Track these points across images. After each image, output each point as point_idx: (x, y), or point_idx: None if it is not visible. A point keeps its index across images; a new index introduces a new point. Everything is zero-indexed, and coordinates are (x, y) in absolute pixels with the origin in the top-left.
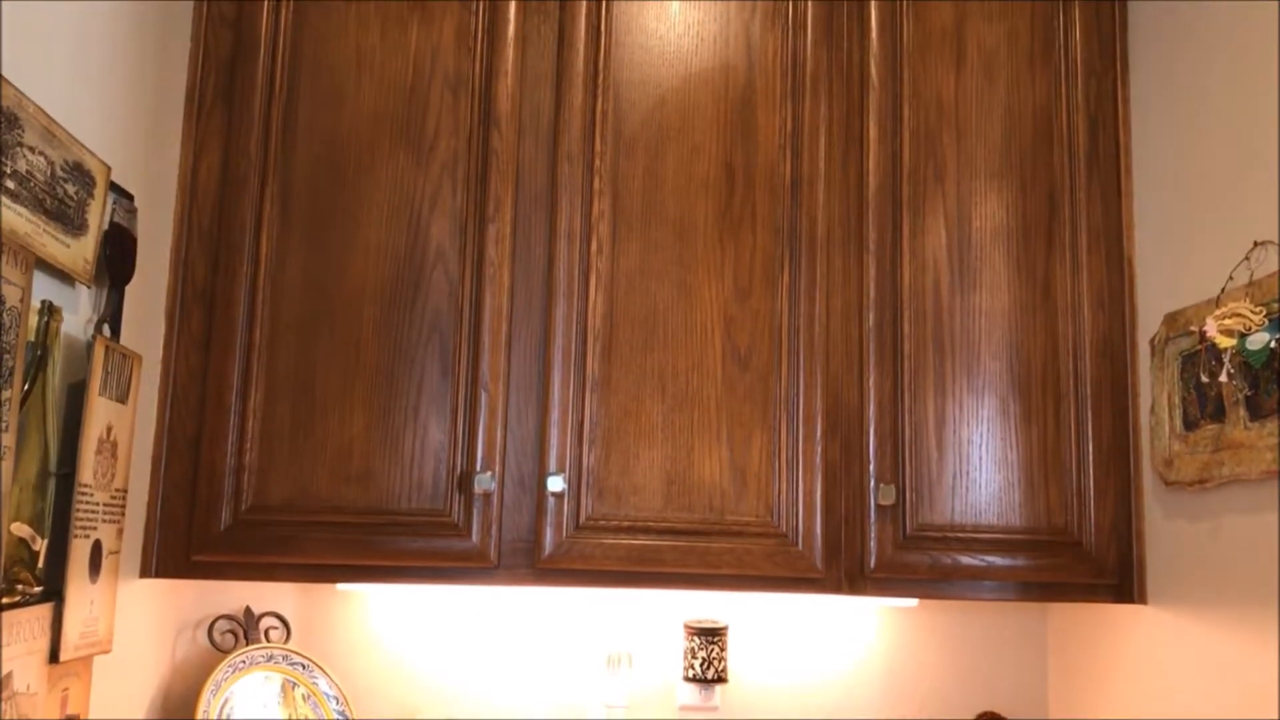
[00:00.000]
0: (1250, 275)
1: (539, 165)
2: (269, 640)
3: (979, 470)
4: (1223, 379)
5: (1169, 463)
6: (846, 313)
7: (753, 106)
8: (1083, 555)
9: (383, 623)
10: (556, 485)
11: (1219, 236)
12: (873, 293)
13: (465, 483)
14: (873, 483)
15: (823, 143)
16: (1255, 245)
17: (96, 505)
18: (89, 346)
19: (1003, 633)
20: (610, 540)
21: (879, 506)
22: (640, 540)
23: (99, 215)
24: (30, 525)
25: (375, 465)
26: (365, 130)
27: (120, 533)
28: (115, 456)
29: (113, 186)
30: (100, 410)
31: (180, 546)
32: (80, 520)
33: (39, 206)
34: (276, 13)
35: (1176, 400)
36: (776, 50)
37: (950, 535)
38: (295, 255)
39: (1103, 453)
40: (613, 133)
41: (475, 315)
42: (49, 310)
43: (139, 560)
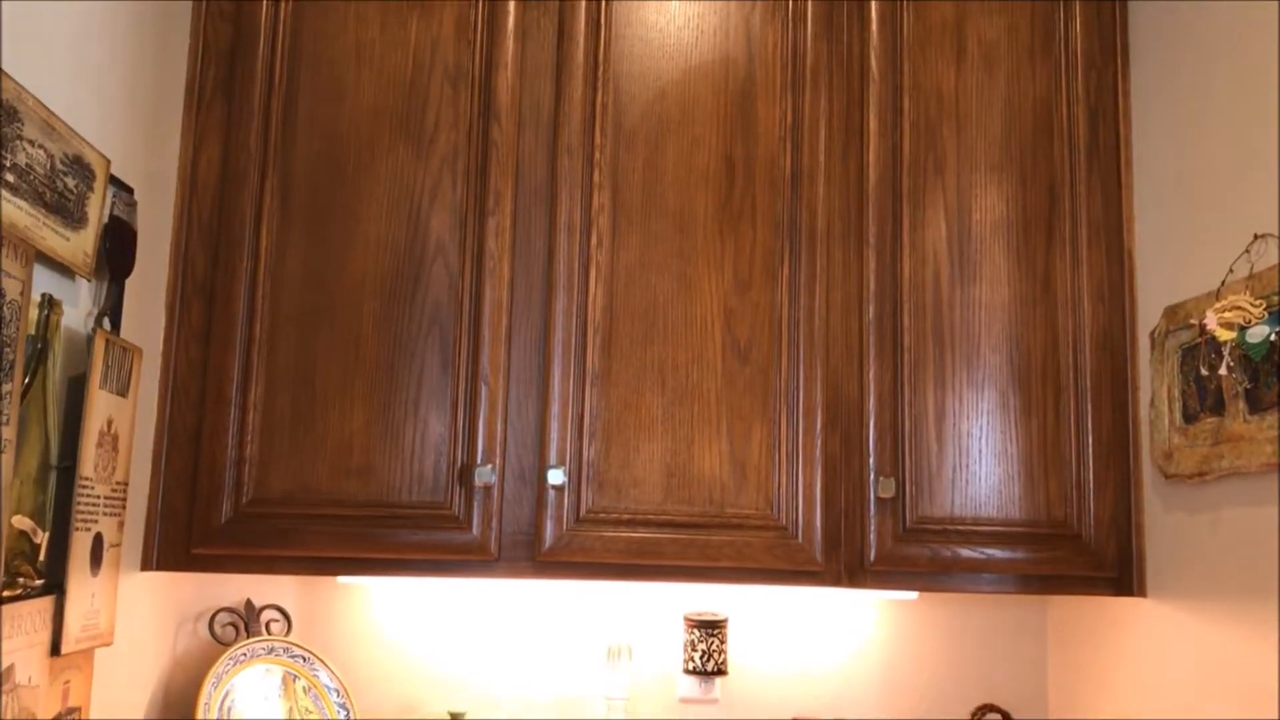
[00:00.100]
0: (1250, 268)
1: (539, 158)
2: (270, 633)
3: (979, 463)
4: (1222, 372)
5: (1169, 455)
6: (846, 306)
7: (753, 99)
8: (1082, 548)
9: (383, 615)
10: (557, 478)
11: (1219, 229)
12: (873, 286)
13: (465, 476)
14: (872, 475)
15: (823, 135)
16: (1255, 238)
17: (97, 498)
18: (89, 340)
19: (1002, 625)
20: (610, 533)
21: (879, 499)
22: (640, 533)
23: (99, 208)
24: (31, 518)
25: (375, 458)
26: (365, 123)
27: (121, 526)
28: (116, 450)
29: (112, 180)
30: (101, 403)
31: (181, 539)
32: (81, 513)
33: (39, 200)
34: (276, 6)
35: (1176, 393)
36: (776, 43)
37: (950, 528)
38: (295, 248)
39: (1102, 446)
40: (613, 125)
41: (475, 308)
42: (49, 304)
43: (140, 553)
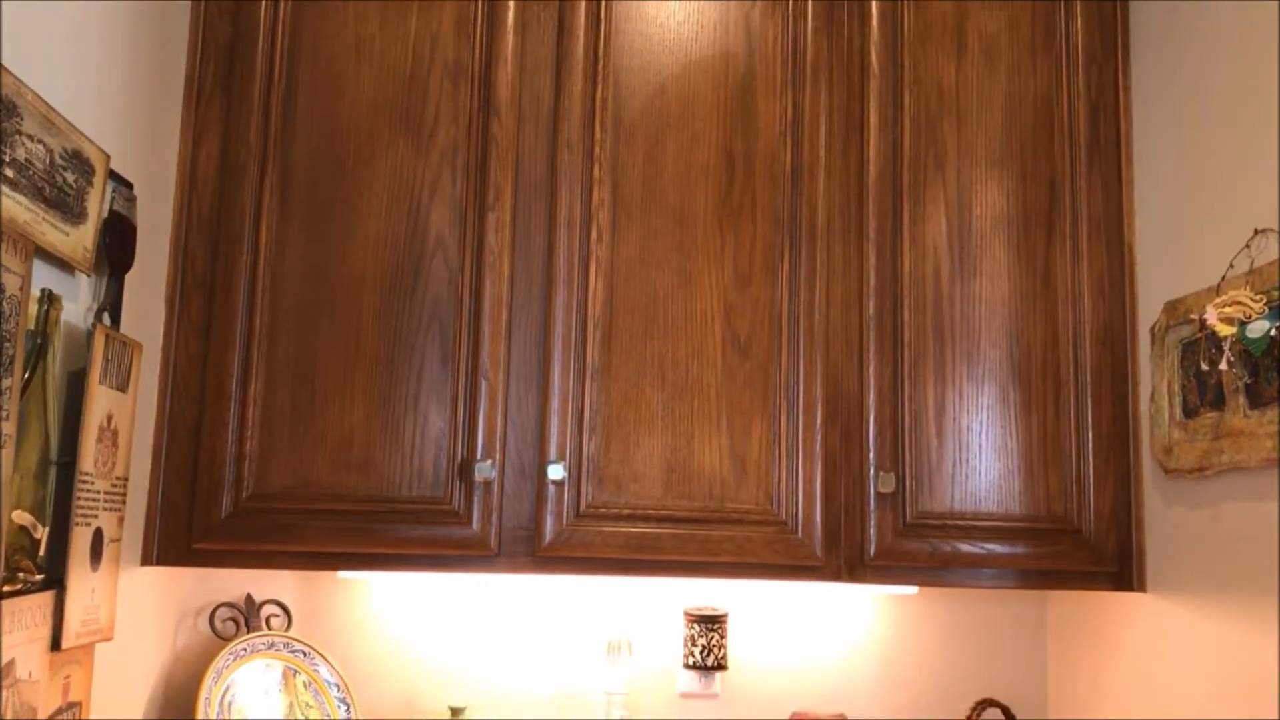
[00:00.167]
0: (1251, 263)
1: (539, 153)
2: (270, 628)
3: (979, 458)
4: (1223, 367)
5: (1169, 450)
6: (847, 300)
7: (753, 94)
8: (1082, 543)
9: (384, 610)
10: (557, 473)
11: (1219, 224)
12: (873, 280)
13: (465, 471)
14: (872, 470)
15: (823, 130)
16: (1256, 233)
17: (97, 493)
18: (89, 335)
19: (1002, 620)
20: (610, 528)
21: (879, 494)
22: (640, 528)
23: (98, 203)
24: (31, 513)
25: (375, 453)
26: (365, 118)
27: (121, 521)
28: (116, 445)
29: (112, 174)
30: (100, 398)
31: (181, 534)
32: (81, 508)
33: (38, 195)
34: (275, 1)
35: (1176, 388)
36: (777, 37)
37: (950, 523)
38: (295, 243)
39: (1102, 440)
40: (613, 120)
41: (475, 303)
42: (49, 299)
43: (140, 548)
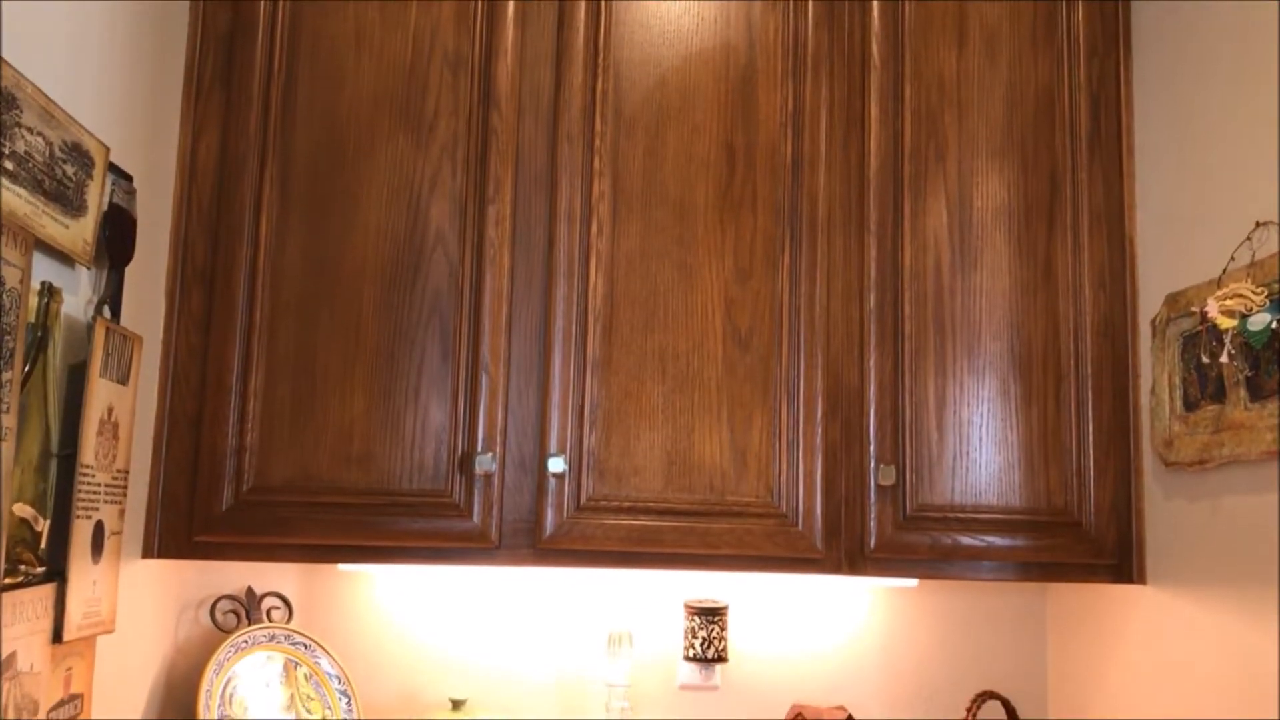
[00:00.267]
0: (1252, 256)
1: (539, 145)
2: (271, 620)
3: (979, 451)
4: (1223, 360)
5: (1169, 443)
6: (847, 293)
7: (753, 86)
8: (1082, 535)
9: (385, 603)
10: (557, 466)
11: (1220, 217)
12: (873, 273)
13: (466, 464)
14: (873, 463)
15: (824, 123)
16: (1257, 226)
17: (98, 486)
18: (89, 328)
19: (1002, 613)
20: (611, 521)
21: (879, 487)
22: (641, 521)
23: (98, 196)
24: (32, 506)
25: (376, 446)
26: (365, 111)
27: (122, 513)
28: (116, 437)
29: (111, 167)
30: (101, 391)
31: (182, 527)
32: (82, 501)
33: (38, 187)
34: None
35: (1177, 381)
36: (777, 29)
37: (950, 516)
38: (295, 236)
39: (1103, 433)
40: (613, 112)
41: (475, 297)
42: (49, 291)
43: (141, 541)
